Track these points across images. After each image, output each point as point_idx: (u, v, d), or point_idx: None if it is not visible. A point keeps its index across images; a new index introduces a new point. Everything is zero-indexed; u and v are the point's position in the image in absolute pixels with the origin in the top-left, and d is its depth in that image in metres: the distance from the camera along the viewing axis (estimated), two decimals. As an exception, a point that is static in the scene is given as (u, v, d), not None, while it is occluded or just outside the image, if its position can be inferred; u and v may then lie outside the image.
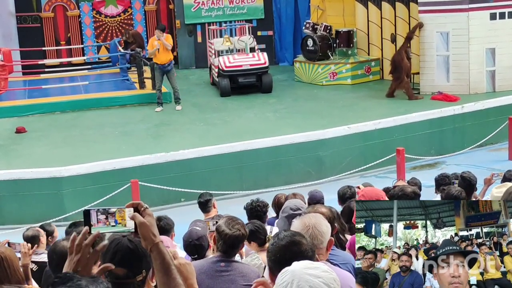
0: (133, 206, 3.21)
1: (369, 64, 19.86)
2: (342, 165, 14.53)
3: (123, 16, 23.82)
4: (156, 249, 3.16)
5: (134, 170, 13.33)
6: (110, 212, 3.18)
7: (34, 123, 16.73)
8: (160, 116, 17.05)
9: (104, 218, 3.17)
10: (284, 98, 18.40)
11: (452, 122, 15.84)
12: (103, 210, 3.19)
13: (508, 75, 17.36)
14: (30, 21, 23.12)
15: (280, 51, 23.47)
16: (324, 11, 21.25)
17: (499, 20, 17.14)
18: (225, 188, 13.64)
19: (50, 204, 12.98)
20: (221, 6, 23.14)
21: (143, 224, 3.16)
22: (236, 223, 5.09)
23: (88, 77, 21.03)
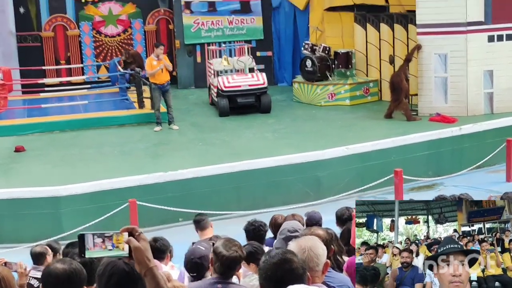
0: (128, 230, 3.23)
1: (368, 85, 19.92)
2: (340, 186, 14.54)
3: (123, 36, 23.92)
4: (150, 274, 3.17)
5: (133, 189, 13.32)
6: (106, 236, 3.20)
7: (33, 142, 16.75)
8: (159, 136, 17.08)
9: (101, 242, 3.19)
10: (282, 118, 18.44)
11: (450, 144, 15.86)
12: (99, 234, 3.21)
13: (506, 97, 17.41)
14: (30, 40, 23.22)
15: (279, 71, 23.55)
16: (323, 32, 21.34)
17: (497, 42, 17.23)
18: (223, 208, 13.63)
19: (48, 223, 12.95)
20: (221, 26, 23.24)
21: (138, 249, 3.18)
22: (233, 245, 5.10)
23: (87, 97, 21.08)
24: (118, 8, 23.77)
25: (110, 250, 3.20)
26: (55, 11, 23.32)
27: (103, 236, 3.20)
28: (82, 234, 3.21)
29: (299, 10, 22.55)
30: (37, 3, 23.15)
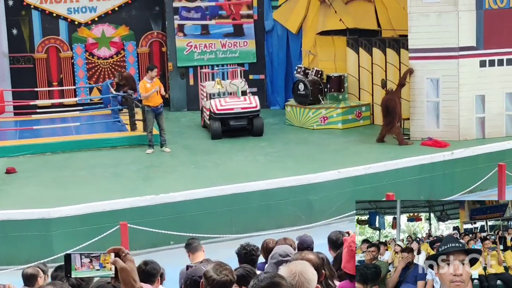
0: (115, 251, 3.24)
1: (360, 109, 19.97)
2: (332, 210, 14.53)
3: (115, 58, 23.95)
4: None
5: (124, 212, 13.28)
6: (94, 256, 3.21)
7: (25, 164, 16.71)
8: (151, 158, 17.06)
9: (88, 262, 3.20)
10: (275, 141, 18.45)
11: (442, 168, 15.89)
12: (87, 254, 3.22)
13: (497, 122, 17.48)
14: (23, 62, 23.23)
15: (271, 94, 23.60)
16: (315, 56, 21.43)
17: (489, 67, 17.32)
18: (215, 231, 13.59)
19: (39, 246, 12.88)
20: (214, 49, 23.31)
21: (124, 269, 3.19)
22: (224, 269, 5.06)
23: (79, 118, 21.06)
24: (111, 31, 23.83)
25: (97, 270, 3.20)
26: (48, 33, 23.36)
27: (90, 256, 3.21)
28: (69, 254, 3.22)
29: (292, 34, 22.65)
30: (30, 25, 23.20)
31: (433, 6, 17.19)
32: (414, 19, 17.40)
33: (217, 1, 23.35)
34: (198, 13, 23.26)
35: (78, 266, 3.19)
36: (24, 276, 7.31)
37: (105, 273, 3.21)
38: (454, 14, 17.04)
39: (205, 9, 23.28)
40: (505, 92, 17.50)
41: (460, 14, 17.01)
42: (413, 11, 17.40)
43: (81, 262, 3.20)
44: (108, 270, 3.22)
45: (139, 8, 23.91)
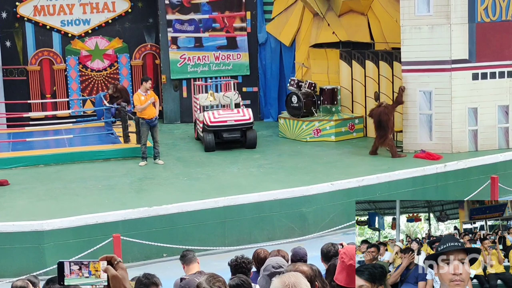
0: (107, 259, 3.25)
1: (353, 121, 20.01)
2: (325, 222, 14.53)
3: (109, 71, 23.96)
4: None
5: (117, 224, 13.26)
6: (83, 263, 3.22)
7: (18, 176, 16.67)
8: (144, 170, 17.05)
9: (78, 269, 3.21)
10: (268, 153, 18.46)
11: (434, 181, 15.91)
12: (76, 261, 3.23)
13: (490, 135, 17.53)
14: (16, 74, 23.22)
15: (265, 107, 23.62)
16: (308, 68, 21.48)
17: (481, 80, 17.38)
18: (208, 243, 13.58)
19: (31, 258, 12.85)
20: (207, 62, 23.34)
21: (116, 277, 3.20)
22: (217, 281, 5.06)
23: (72, 131, 21.05)
24: (105, 43, 23.85)
25: (87, 278, 3.20)
26: (41, 45, 23.37)
27: (80, 264, 3.22)
28: (62, 262, 3.22)
29: (285, 47, 22.71)
30: (23, 37, 23.20)
31: (425, 19, 17.27)
32: (407, 32, 17.47)
33: (211, 14, 23.41)
34: (192, 25, 23.31)
35: (67, 273, 3.21)
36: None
37: (97, 281, 3.22)
38: (447, 27, 17.11)
39: (199, 21, 23.33)
40: (497, 105, 17.56)
41: (453, 27, 17.09)
42: (406, 24, 17.47)
43: (70, 270, 3.22)
44: (97, 278, 3.22)
45: (133, 20, 23.95)
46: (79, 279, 3.21)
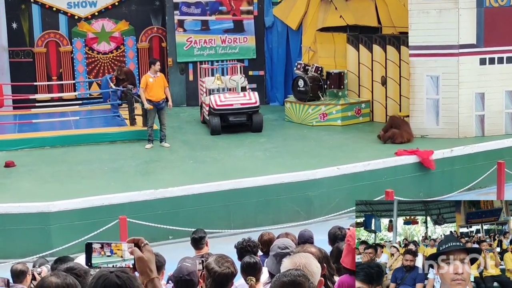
0: (134, 241, 3.31)
1: (359, 106, 19.96)
2: (331, 206, 14.53)
3: (115, 53, 23.92)
4: (151, 284, 3.24)
5: (123, 206, 13.28)
6: (106, 243, 3.26)
7: (24, 158, 16.69)
8: (150, 153, 17.05)
9: (99, 248, 3.24)
10: (274, 137, 18.45)
11: (441, 165, 15.88)
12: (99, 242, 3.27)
13: (497, 120, 17.49)
14: (22, 56, 23.20)
15: (271, 91, 23.58)
16: (315, 52, 21.42)
17: (489, 65, 17.32)
18: (214, 226, 13.59)
19: (37, 239, 12.89)
20: (214, 45, 23.29)
21: (141, 259, 3.25)
22: (225, 261, 5.08)
23: (78, 113, 21.05)
24: (111, 25, 23.80)
25: (108, 256, 3.23)
26: (48, 27, 23.32)
27: (102, 243, 3.25)
28: (90, 243, 3.25)
29: (292, 30, 22.63)
30: (30, 19, 23.16)
31: (433, 3, 17.19)
32: (415, 16, 17.39)
33: (217, -3, 23.34)
34: (198, 8, 23.24)
35: (90, 252, 3.25)
36: (13, 272, 7.23)
37: (124, 260, 3.26)
38: (455, 11, 17.04)
39: (205, 4, 23.26)
40: (504, 90, 17.51)
41: (461, 11, 17.01)
42: (414, 8, 17.39)
43: (93, 248, 3.26)
44: (119, 257, 3.26)
45: (139, 3, 23.89)
46: (101, 257, 3.24)
